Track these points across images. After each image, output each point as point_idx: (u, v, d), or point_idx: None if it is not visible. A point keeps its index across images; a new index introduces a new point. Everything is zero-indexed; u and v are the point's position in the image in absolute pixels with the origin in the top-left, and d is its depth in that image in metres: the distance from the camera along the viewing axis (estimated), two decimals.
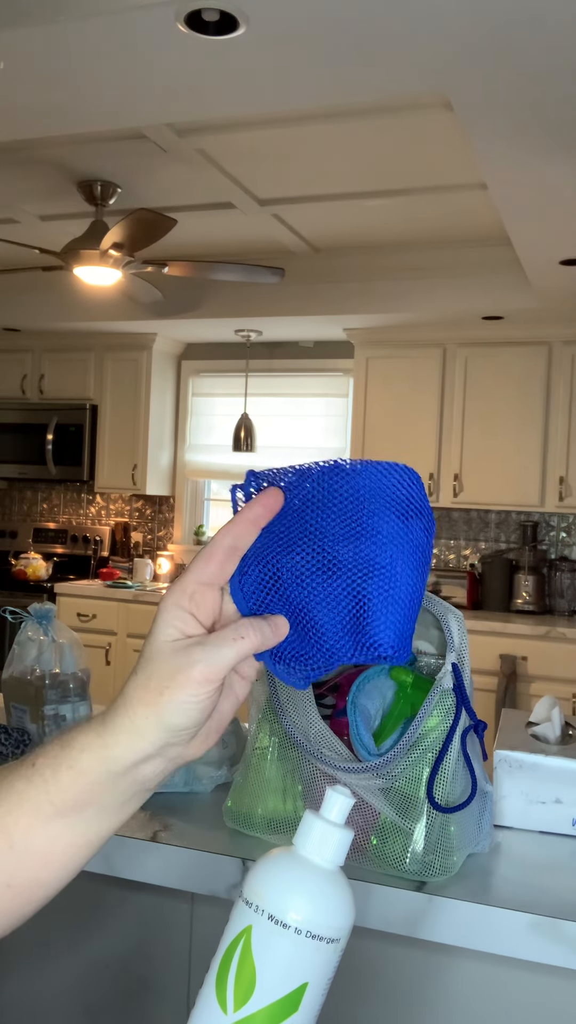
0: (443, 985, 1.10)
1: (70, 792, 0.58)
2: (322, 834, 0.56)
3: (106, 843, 0.61)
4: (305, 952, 0.54)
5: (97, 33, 2.00)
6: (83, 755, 0.58)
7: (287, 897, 0.55)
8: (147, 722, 0.57)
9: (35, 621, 1.45)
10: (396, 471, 0.62)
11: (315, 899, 0.55)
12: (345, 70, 2.10)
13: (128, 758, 0.57)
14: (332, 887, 0.56)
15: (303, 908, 0.54)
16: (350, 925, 0.56)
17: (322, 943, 0.54)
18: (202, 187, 3.63)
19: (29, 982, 1.31)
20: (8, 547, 5.84)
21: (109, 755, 0.57)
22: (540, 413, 4.52)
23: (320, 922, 0.54)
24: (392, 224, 4.02)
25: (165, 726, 0.57)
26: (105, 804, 0.59)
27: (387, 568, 0.60)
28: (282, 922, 0.54)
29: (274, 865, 0.57)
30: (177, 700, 0.57)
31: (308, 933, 0.54)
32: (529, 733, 1.23)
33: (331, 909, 0.55)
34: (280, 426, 5.39)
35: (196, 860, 1.04)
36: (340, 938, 0.56)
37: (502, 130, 2.36)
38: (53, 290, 4.85)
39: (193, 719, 0.58)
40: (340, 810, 0.57)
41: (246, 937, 0.54)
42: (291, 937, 0.54)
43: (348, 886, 0.57)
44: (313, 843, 0.56)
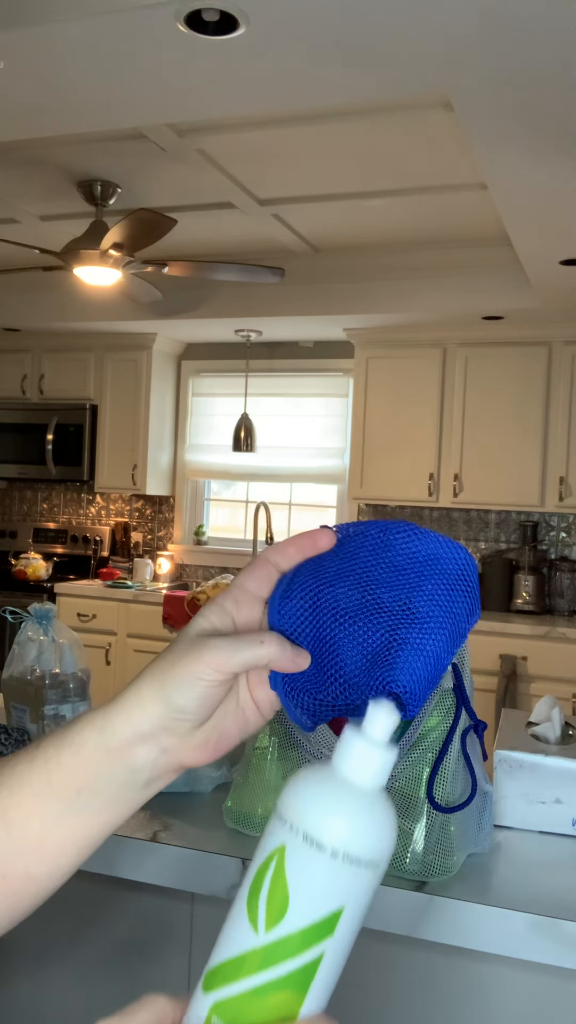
0: (443, 985, 1.10)
1: (67, 769, 0.58)
2: (363, 753, 0.53)
3: (97, 846, 0.61)
4: (341, 876, 0.52)
5: (97, 33, 2.00)
6: (84, 728, 0.59)
7: (324, 817, 0.52)
8: (150, 693, 0.58)
9: (35, 621, 1.45)
10: (456, 548, 0.62)
11: (353, 821, 0.52)
12: (345, 70, 2.10)
13: (124, 732, 0.58)
14: (372, 809, 0.53)
15: (341, 830, 0.52)
16: (390, 850, 0.54)
17: (360, 867, 0.52)
18: (202, 187, 3.63)
19: (29, 982, 1.31)
20: (8, 547, 5.84)
21: (108, 726, 0.58)
22: (540, 413, 4.52)
23: (358, 845, 0.52)
24: (392, 224, 4.02)
25: (165, 701, 0.57)
26: (97, 789, 0.58)
27: (423, 620, 0.60)
28: (318, 843, 0.51)
29: (312, 783, 0.54)
30: (183, 677, 0.57)
31: (345, 856, 0.51)
32: (529, 733, 1.23)
33: (370, 832, 0.53)
34: (280, 426, 5.39)
35: (196, 860, 1.04)
36: (379, 863, 0.53)
37: (502, 130, 2.36)
38: (53, 290, 4.85)
39: (193, 703, 0.57)
40: (384, 727, 0.54)
41: (279, 856, 0.52)
42: (327, 860, 0.51)
43: (390, 809, 0.54)
44: (353, 763, 0.53)
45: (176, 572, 5.59)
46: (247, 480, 5.54)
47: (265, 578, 0.61)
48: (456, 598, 0.61)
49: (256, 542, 5.21)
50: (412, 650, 0.59)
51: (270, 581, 0.62)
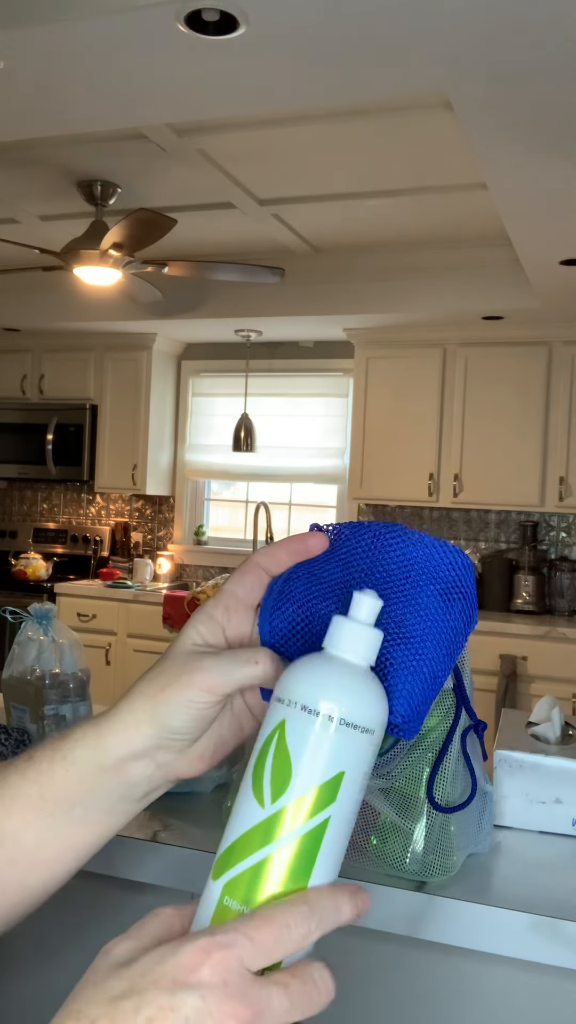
0: (443, 985, 1.10)
1: (61, 785, 0.58)
2: (352, 632, 0.55)
3: (93, 855, 0.61)
4: (340, 739, 0.53)
5: (97, 33, 2.00)
6: (77, 745, 0.58)
7: (319, 688, 0.54)
8: (143, 716, 0.57)
9: (35, 621, 1.45)
10: (451, 552, 0.62)
11: (346, 688, 0.54)
12: (345, 70, 2.10)
13: (118, 751, 0.57)
14: (363, 680, 0.55)
15: (335, 696, 0.53)
16: (384, 719, 0.55)
17: (356, 731, 0.53)
18: (202, 187, 3.63)
19: (29, 983, 1.31)
20: (8, 547, 5.84)
21: (101, 745, 0.58)
22: (540, 413, 4.52)
23: (353, 710, 0.54)
24: (392, 224, 4.02)
25: (158, 724, 0.57)
26: (92, 804, 0.58)
27: (418, 640, 0.60)
28: (315, 710, 0.53)
29: (306, 663, 0.56)
30: (175, 700, 0.57)
31: (342, 720, 0.53)
32: (529, 733, 1.23)
33: (364, 699, 0.54)
34: (280, 426, 5.39)
35: (196, 860, 1.04)
36: (374, 729, 0.55)
37: (502, 130, 2.36)
38: (53, 290, 4.85)
39: (186, 725, 0.57)
40: (369, 610, 0.56)
41: (280, 731, 0.54)
42: (324, 724, 0.53)
43: (378, 685, 0.56)
44: (344, 641, 0.55)
45: (176, 572, 5.59)
46: (247, 480, 5.54)
47: (255, 584, 0.60)
48: (453, 608, 0.61)
49: (256, 542, 5.21)
50: (406, 672, 0.59)
51: (260, 587, 0.61)
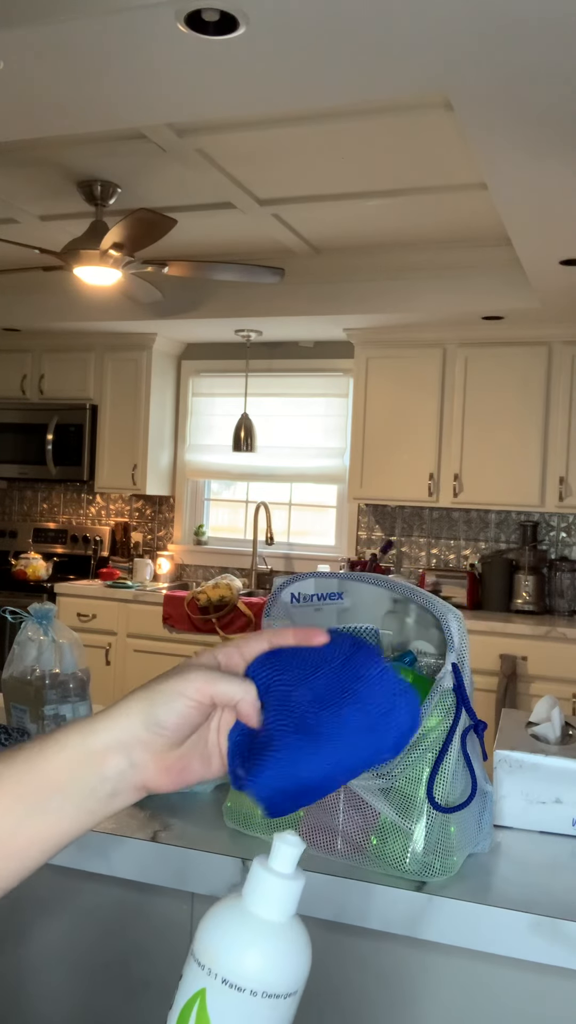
0: (443, 985, 1.10)
1: (44, 770, 0.61)
2: (271, 887, 0.55)
3: (56, 852, 0.63)
4: (262, 1011, 0.53)
5: (97, 33, 2.00)
6: (69, 731, 0.63)
7: (240, 959, 0.53)
8: (137, 703, 0.63)
9: (35, 621, 1.45)
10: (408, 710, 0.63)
11: (269, 959, 0.54)
12: (345, 70, 2.10)
13: (105, 736, 0.62)
14: (286, 943, 0.54)
15: (257, 969, 0.53)
16: (306, 974, 0.55)
17: (279, 999, 0.53)
18: (202, 187, 3.63)
19: (29, 982, 1.31)
20: (8, 547, 5.84)
21: (89, 729, 0.62)
22: (540, 413, 4.52)
23: (275, 981, 0.53)
24: (392, 224, 4.02)
25: (149, 713, 0.62)
26: (69, 794, 0.61)
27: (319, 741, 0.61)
28: (236, 985, 0.53)
29: (225, 924, 0.55)
30: (168, 691, 0.62)
31: (264, 993, 0.53)
32: (529, 733, 1.23)
33: (286, 965, 0.54)
34: (280, 426, 5.39)
35: (196, 860, 1.04)
36: (297, 991, 0.55)
37: (502, 130, 2.36)
38: (53, 290, 4.85)
39: (173, 719, 0.62)
40: (289, 860, 0.56)
41: (201, 1000, 0.54)
42: (247, 999, 0.53)
43: (303, 934, 0.56)
44: (263, 898, 0.55)
45: (176, 572, 5.59)
46: (247, 480, 5.54)
47: (258, 650, 0.67)
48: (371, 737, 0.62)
49: (256, 542, 5.21)
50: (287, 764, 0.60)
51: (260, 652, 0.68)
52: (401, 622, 1.12)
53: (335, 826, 1.01)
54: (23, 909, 1.31)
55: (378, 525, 5.20)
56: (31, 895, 1.31)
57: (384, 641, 1.14)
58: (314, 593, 1.11)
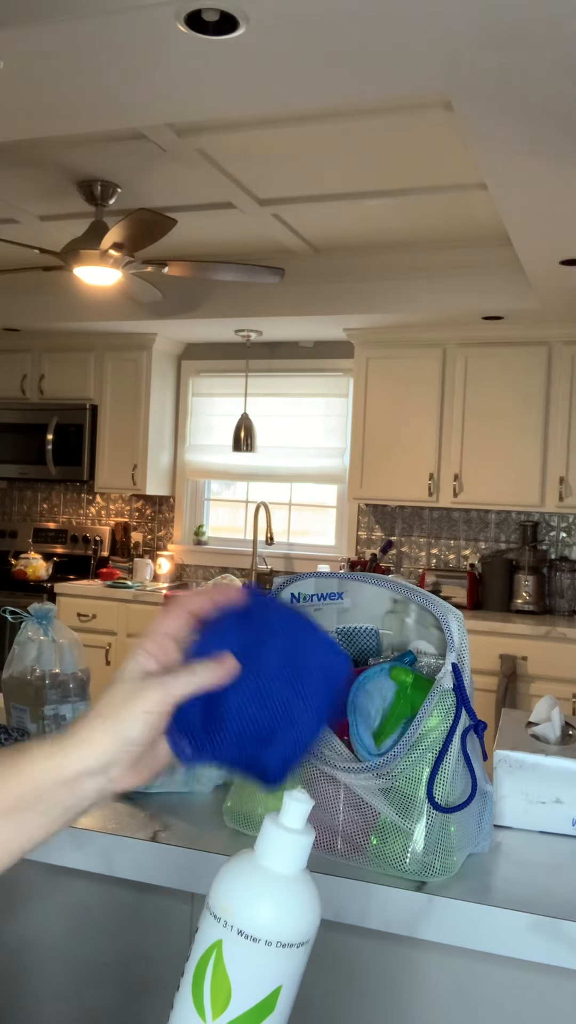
0: (443, 985, 1.10)
1: (13, 793, 0.62)
2: (282, 842, 0.58)
3: (28, 854, 0.64)
4: (276, 959, 0.56)
5: (97, 33, 2.00)
6: (34, 762, 0.63)
7: (254, 911, 0.56)
8: (103, 733, 0.64)
9: (35, 621, 1.45)
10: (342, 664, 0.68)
11: (281, 909, 0.56)
12: (345, 70, 2.10)
13: (75, 767, 0.63)
14: (297, 894, 0.57)
15: (271, 920, 0.56)
16: (317, 924, 0.58)
17: (292, 948, 0.56)
18: (202, 187, 3.63)
19: (29, 982, 1.31)
20: (8, 547, 5.84)
21: (58, 763, 0.63)
22: (540, 413, 4.52)
23: (288, 930, 0.56)
24: (392, 224, 4.02)
25: (119, 737, 0.63)
26: (42, 810, 0.63)
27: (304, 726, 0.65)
28: (251, 936, 0.55)
29: (238, 877, 0.58)
30: (133, 714, 0.64)
31: (278, 943, 0.56)
32: (529, 733, 1.23)
33: (297, 916, 0.57)
34: (280, 426, 5.39)
35: (196, 860, 1.04)
36: (308, 940, 0.57)
37: (502, 130, 2.36)
38: (53, 290, 4.85)
39: (142, 734, 0.64)
40: (298, 816, 0.59)
41: (217, 951, 0.56)
42: (261, 948, 0.55)
43: (312, 887, 0.59)
44: (274, 852, 0.58)
45: (176, 572, 5.59)
46: (247, 480, 5.54)
47: (181, 624, 0.69)
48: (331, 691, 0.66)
49: (256, 542, 5.21)
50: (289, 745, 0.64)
51: (186, 626, 0.69)
52: (401, 622, 1.12)
53: (335, 826, 1.01)
54: (23, 909, 1.31)
55: (378, 525, 5.20)
56: (31, 895, 1.31)
57: (384, 641, 1.14)
58: (314, 593, 1.11)
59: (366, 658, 1.14)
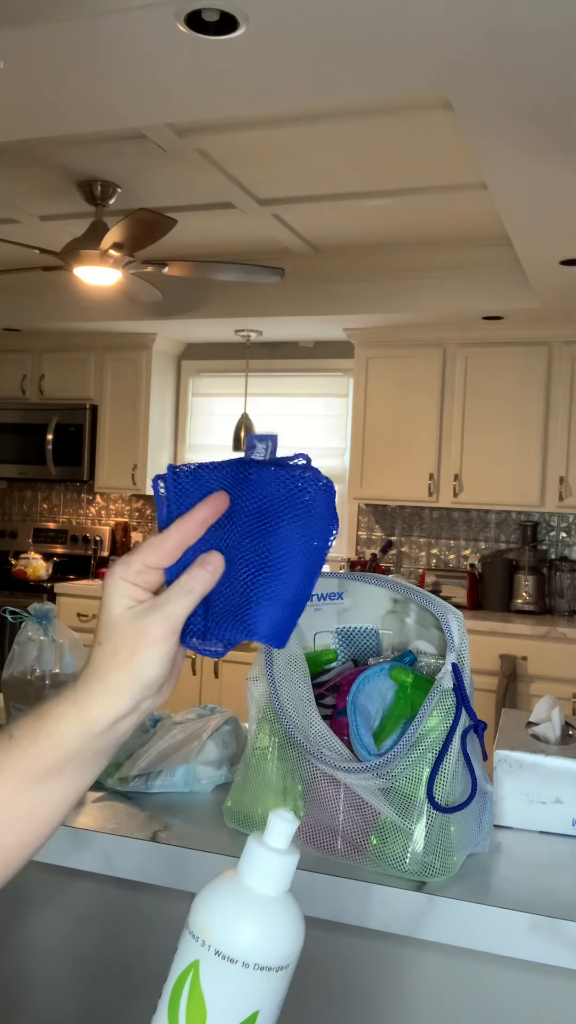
0: (443, 985, 1.10)
1: (50, 757, 0.62)
2: (265, 862, 0.56)
3: (82, 796, 0.65)
4: (254, 983, 0.54)
5: (97, 33, 1.99)
6: (61, 722, 0.62)
7: (233, 931, 0.54)
8: (123, 683, 0.62)
9: (35, 621, 1.45)
10: (302, 478, 0.66)
11: (261, 931, 0.54)
12: (345, 70, 2.10)
13: (107, 718, 0.62)
14: (278, 916, 0.55)
15: (249, 941, 0.54)
16: (299, 949, 0.56)
17: (271, 972, 0.54)
18: (202, 187, 3.63)
19: (29, 982, 1.31)
20: (8, 547, 5.84)
21: (88, 717, 0.62)
22: (540, 413, 4.52)
23: (267, 953, 0.54)
24: (392, 224, 4.02)
25: (140, 683, 0.62)
26: (82, 762, 0.63)
27: (277, 567, 0.64)
28: (229, 957, 0.54)
29: (219, 897, 0.56)
30: (147, 658, 0.62)
31: (256, 966, 0.54)
32: (529, 733, 1.23)
33: (278, 939, 0.55)
34: (280, 426, 5.39)
35: (196, 860, 1.04)
36: (289, 964, 0.55)
37: (502, 130, 2.36)
38: (53, 290, 4.85)
39: (163, 671, 0.63)
40: (283, 835, 0.56)
41: (194, 971, 0.55)
42: (239, 971, 0.53)
43: (295, 909, 0.56)
44: (257, 872, 0.56)
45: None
46: None
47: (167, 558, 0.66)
48: (311, 531, 0.65)
49: None
50: (268, 600, 0.64)
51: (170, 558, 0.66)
52: (401, 622, 1.12)
53: (335, 826, 1.01)
54: (23, 909, 1.31)
55: (378, 525, 5.20)
56: (31, 895, 1.31)
57: (384, 641, 1.14)
58: (314, 593, 1.11)
59: (366, 658, 1.14)
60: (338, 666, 1.14)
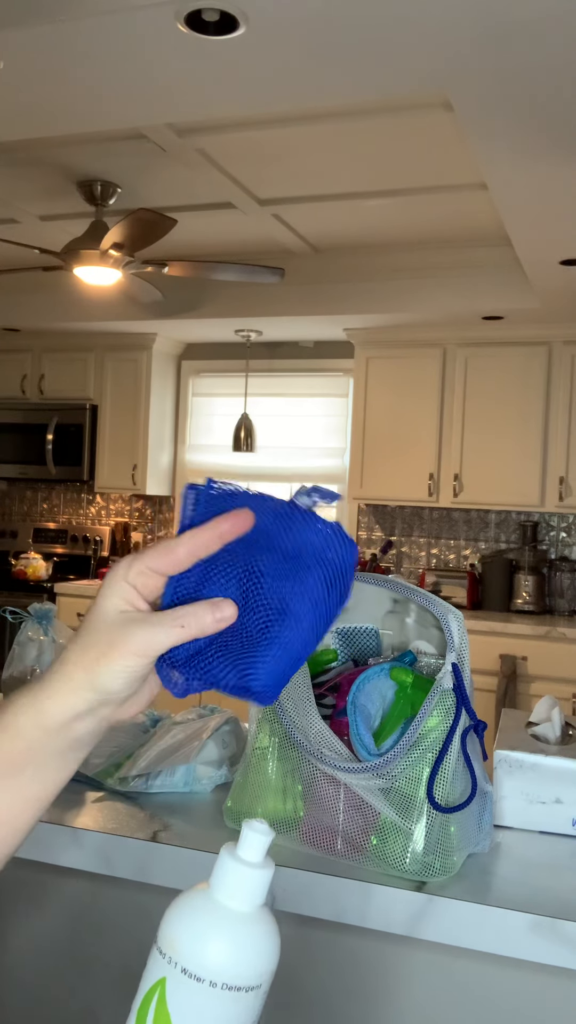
0: (443, 985, 1.10)
1: (7, 753, 0.60)
2: (237, 876, 0.53)
3: (52, 801, 0.62)
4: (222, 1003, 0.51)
5: (97, 33, 2.00)
6: (19, 716, 0.60)
7: (200, 948, 0.51)
8: (81, 684, 0.59)
9: (35, 621, 1.45)
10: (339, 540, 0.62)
11: (231, 949, 0.51)
12: (345, 70, 2.10)
13: (61, 715, 0.60)
14: (250, 933, 0.52)
15: (218, 959, 0.51)
16: (273, 968, 0.53)
17: (241, 992, 0.51)
18: (202, 187, 3.63)
19: (29, 982, 1.31)
20: (8, 547, 5.84)
21: (43, 710, 0.60)
22: (540, 413, 4.52)
23: (237, 972, 0.51)
24: (392, 224, 4.02)
25: (99, 688, 0.59)
26: (42, 762, 0.61)
27: (295, 618, 0.60)
28: (195, 975, 0.51)
29: (188, 911, 0.53)
30: (112, 668, 0.59)
31: (225, 985, 0.51)
32: (529, 733, 1.23)
33: (249, 957, 0.51)
34: (280, 426, 5.39)
35: (196, 860, 1.04)
36: (261, 984, 0.52)
37: (502, 130, 2.36)
38: (53, 290, 4.85)
39: (125, 685, 0.60)
40: (257, 848, 0.54)
41: (160, 989, 0.52)
42: (206, 990, 0.50)
43: (270, 925, 0.53)
44: (228, 886, 0.53)
45: None
46: (247, 480, 5.53)
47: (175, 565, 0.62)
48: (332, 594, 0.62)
49: None
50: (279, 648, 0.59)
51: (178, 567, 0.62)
52: (401, 622, 1.12)
53: (335, 826, 1.01)
54: (23, 909, 1.31)
55: (378, 525, 5.20)
56: (31, 895, 1.31)
57: (384, 641, 1.14)
58: None
59: (366, 658, 1.14)
60: (338, 666, 1.14)
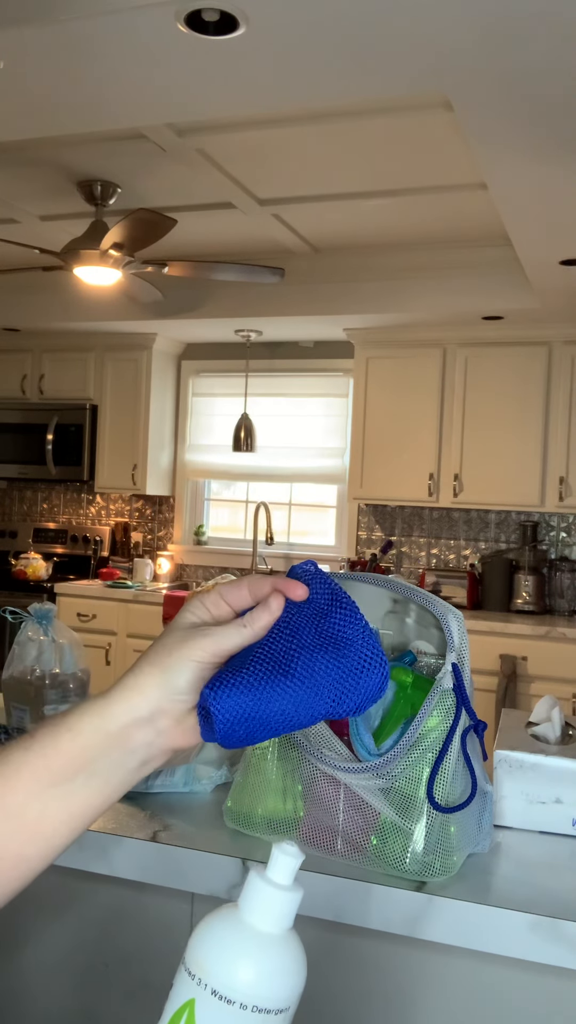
0: (443, 985, 1.10)
1: (66, 754, 0.61)
2: (268, 898, 0.53)
3: (87, 827, 0.63)
4: None
5: (97, 33, 1.99)
6: (82, 717, 0.63)
7: (231, 970, 0.51)
8: (150, 679, 0.63)
9: (35, 621, 1.45)
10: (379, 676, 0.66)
11: (261, 971, 0.52)
12: (345, 70, 2.10)
13: (123, 716, 0.62)
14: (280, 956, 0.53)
15: (249, 981, 0.51)
16: (300, 991, 0.53)
17: (269, 1015, 0.51)
18: (202, 187, 3.63)
19: (28, 982, 1.31)
20: (8, 547, 5.84)
21: (107, 712, 0.62)
22: (540, 413, 4.52)
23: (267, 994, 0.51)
24: (392, 224, 4.02)
25: (166, 685, 0.63)
26: (95, 772, 0.62)
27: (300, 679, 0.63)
28: (226, 998, 0.51)
29: (218, 933, 0.53)
30: (182, 663, 0.63)
31: (255, 1008, 0.51)
32: (529, 733, 1.23)
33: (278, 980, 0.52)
34: (280, 426, 5.39)
35: (196, 860, 1.04)
36: (290, 1007, 0.53)
37: (502, 130, 2.36)
38: (53, 290, 4.85)
39: (191, 683, 0.63)
40: (287, 870, 0.54)
41: (189, 1011, 0.52)
42: (236, 1012, 0.51)
43: (298, 949, 0.54)
44: (258, 908, 0.53)
45: (176, 572, 5.59)
46: (247, 480, 5.54)
47: (241, 598, 0.69)
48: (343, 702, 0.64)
49: (256, 542, 5.21)
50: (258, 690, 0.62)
51: (242, 601, 0.69)
52: (401, 622, 1.12)
53: (335, 826, 1.01)
54: (23, 909, 1.31)
55: (378, 525, 5.20)
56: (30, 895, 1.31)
57: (384, 641, 1.14)
58: None
59: None
60: None
